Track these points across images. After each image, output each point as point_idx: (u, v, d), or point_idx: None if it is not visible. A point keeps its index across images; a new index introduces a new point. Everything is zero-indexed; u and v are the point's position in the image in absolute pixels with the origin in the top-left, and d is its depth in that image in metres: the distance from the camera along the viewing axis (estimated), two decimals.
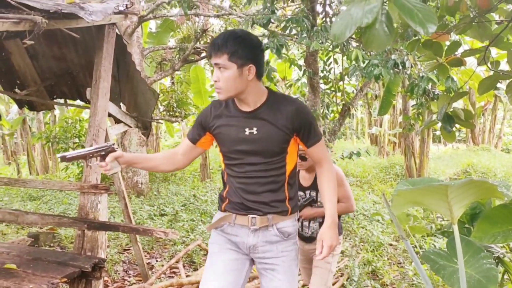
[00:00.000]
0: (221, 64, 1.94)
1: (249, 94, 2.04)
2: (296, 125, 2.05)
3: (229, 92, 1.99)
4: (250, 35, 2.02)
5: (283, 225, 2.15)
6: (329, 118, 7.64)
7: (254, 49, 1.97)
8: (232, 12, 9.11)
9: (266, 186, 2.12)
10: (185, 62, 10.24)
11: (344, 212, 3.16)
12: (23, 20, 3.07)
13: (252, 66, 1.96)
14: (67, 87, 5.10)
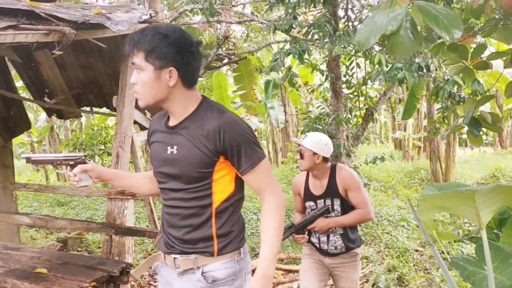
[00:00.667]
0: (137, 64, 1.63)
1: (173, 104, 1.70)
2: (220, 146, 1.64)
3: (147, 99, 1.67)
4: (177, 32, 1.63)
5: (210, 269, 1.73)
6: (352, 123, 7.60)
7: (178, 49, 1.61)
8: (254, 19, 9.17)
9: (187, 219, 1.73)
10: (208, 69, 10.33)
11: (360, 221, 2.93)
12: (52, 31, 3.17)
13: (173, 69, 1.61)
14: (93, 95, 5.22)
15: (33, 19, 3.29)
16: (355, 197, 2.87)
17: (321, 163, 2.90)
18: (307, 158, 2.89)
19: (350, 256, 2.96)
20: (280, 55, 5.48)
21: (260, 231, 1.76)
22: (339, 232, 2.93)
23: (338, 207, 2.91)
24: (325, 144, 2.91)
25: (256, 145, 1.70)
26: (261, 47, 11.33)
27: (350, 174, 2.92)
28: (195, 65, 1.68)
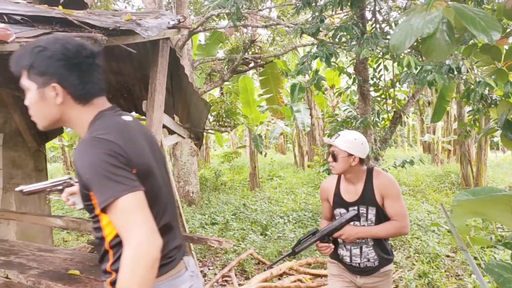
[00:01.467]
0: (22, 84, 1.46)
1: (71, 124, 1.52)
2: (80, 180, 1.43)
3: (40, 122, 1.51)
4: (57, 43, 1.44)
5: None
6: (380, 126, 7.50)
7: (57, 62, 1.42)
8: (280, 22, 9.18)
9: (97, 247, 1.59)
10: (234, 73, 10.40)
11: (395, 234, 2.58)
12: (85, 38, 3.24)
13: (56, 85, 1.43)
14: (124, 100, 5.32)
15: (66, 26, 3.38)
16: (393, 207, 2.54)
17: (357, 165, 2.58)
18: (341, 160, 2.57)
19: (384, 274, 2.64)
20: (307, 58, 5.46)
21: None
22: (371, 243, 2.60)
23: (373, 217, 2.57)
24: (361, 143, 2.59)
25: (110, 179, 1.34)
26: (287, 51, 11.33)
27: (390, 179, 2.59)
28: (86, 77, 1.47)
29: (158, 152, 1.66)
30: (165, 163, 1.75)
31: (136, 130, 1.55)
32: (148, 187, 1.45)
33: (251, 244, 6.43)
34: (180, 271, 1.57)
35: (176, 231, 1.63)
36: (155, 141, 1.71)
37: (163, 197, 1.56)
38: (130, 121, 1.56)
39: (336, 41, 5.86)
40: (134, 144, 1.47)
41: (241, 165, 16.24)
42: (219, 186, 12.37)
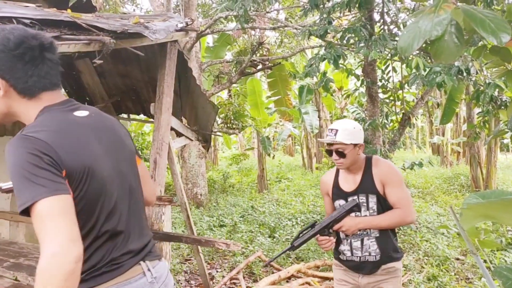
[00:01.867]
0: None
1: (20, 119, 1.47)
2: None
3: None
4: (0, 34, 1.39)
5: None
6: (388, 128, 7.47)
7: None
8: (288, 24, 9.18)
9: None
10: (242, 75, 10.41)
11: (398, 223, 2.45)
12: (93, 41, 3.26)
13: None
14: (131, 103, 5.33)
15: (74, 29, 3.40)
16: (394, 194, 2.42)
17: (360, 154, 2.53)
18: (350, 154, 2.47)
19: (387, 272, 2.48)
20: (315, 60, 5.46)
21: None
22: (374, 234, 2.47)
23: (374, 205, 2.46)
24: (359, 129, 2.52)
25: (30, 181, 1.24)
26: (295, 53, 11.32)
27: (389, 166, 2.50)
28: (30, 70, 1.39)
29: (119, 151, 1.54)
30: (131, 162, 1.60)
31: (85, 127, 1.45)
32: (86, 189, 1.35)
33: (259, 246, 6.42)
34: (132, 277, 1.46)
35: (131, 235, 1.49)
36: (119, 139, 1.58)
37: (107, 200, 1.42)
38: (81, 117, 1.47)
39: (344, 43, 5.85)
40: (72, 143, 1.36)
41: (249, 167, 16.25)
42: (227, 188, 12.38)
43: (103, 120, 1.56)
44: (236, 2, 5.97)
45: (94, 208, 1.39)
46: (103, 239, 1.40)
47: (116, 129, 1.60)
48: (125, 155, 1.58)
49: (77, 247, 1.22)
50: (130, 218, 1.51)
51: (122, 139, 1.60)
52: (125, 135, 1.64)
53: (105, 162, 1.44)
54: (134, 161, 1.63)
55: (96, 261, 1.40)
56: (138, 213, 1.56)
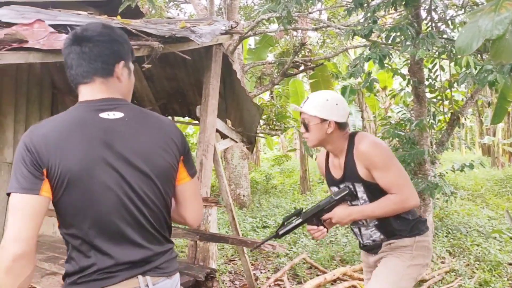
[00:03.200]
0: None
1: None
2: None
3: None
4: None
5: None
6: (436, 128, 7.26)
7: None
8: (331, 24, 9.10)
9: None
10: (284, 76, 10.41)
11: (396, 210, 2.10)
12: (143, 46, 3.36)
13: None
14: (178, 105, 5.46)
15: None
16: (383, 178, 2.06)
17: (335, 132, 2.16)
18: (314, 129, 2.15)
19: (390, 248, 2.20)
20: (360, 60, 5.38)
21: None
22: (372, 223, 2.20)
23: (363, 195, 2.15)
24: (335, 104, 2.15)
25: (14, 173, 1.31)
26: (337, 53, 11.21)
27: (369, 145, 2.08)
28: (70, 62, 1.43)
29: (139, 161, 1.42)
30: (156, 175, 1.45)
31: (99, 130, 1.37)
32: (67, 193, 1.32)
33: (303, 248, 6.40)
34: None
35: (129, 247, 1.42)
36: (149, 149, 1.45)
37: (94, 209, 1.35)
38: (104, 119, 1.40)
39: (390, 42, 5.73)
40: (63, 145, 1.32)
41: (291, 168, 16.20)
42: (269, 190, 12.39)
43: (138, 126, 1.45)
44: (279, 4, 5.98)
45: (77, 213, 1.34)
46: (89, 246, 1.36)
47: (153, 139, 1.47)
48: (148, 166, 1.44)
49: (16, 247, 1.23)
50: (128, 230, 1.41)
51: (156, 150, 1.46)
52: (167, 147, 1.49)
53: (102, 169, 1.36)
54: (164, 175, 1.48)
55: (84, 266, 1.36)
56: (147, 225, 1.45)
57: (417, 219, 2.22)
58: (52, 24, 3.27)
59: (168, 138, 1.50)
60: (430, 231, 2.26)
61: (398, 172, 2.08)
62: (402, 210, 2.11)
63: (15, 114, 4.49)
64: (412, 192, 2.08)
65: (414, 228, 2.18)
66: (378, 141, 2.15)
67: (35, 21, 3.23)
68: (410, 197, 2.07)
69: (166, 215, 1.54)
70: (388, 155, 2.08)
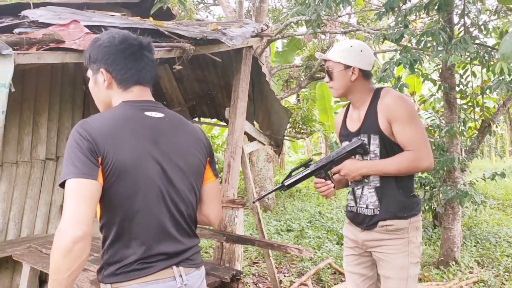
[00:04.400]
0: (87, 74, 1.65)
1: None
2: None
3: (99, 106, 1.68)
4: (108, 34, 1.60)
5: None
6: (466, 136, 7.11)
7: (104, 48, 1.58)
8: (360, 28, 9.02)
9: None
10: (312, 80, 10.37)
11: (408, 169, 2.01)
12: (175, 48, 3.41)
13: (103, 70, 1.57)
14: (206, 107, 5.50)
15: (157, 36, 3.56)
16: (403, 134, 1.99)
17: (359, 81, 2.12)
18: (338, 76, 2.10)
19: (386, 230, 2.08)
20: (390, 65, 5.31)
21: None
22: (373, 183, 2.08)
23: (376, 148, 2.06)
24: (360, 50, 2.11)
25: (69, 159, 1.37)
26: None
27: (396, 98, 2.03)
28: (130, 63, 1.55)
29: (178, 157, 1.54)
30: (191, 172, 1.58)
31: (146, 127, 1.49)
32: (115, 182, 1.40)
33: (327, 253, 6.35)
34: (161, 279, 1.47)
35: (165, 239, 1.50)
36: (185, 148, 1.58)
37: (137, 200, 1.43)
38: (150, 117, 1.53)
39: (421, 47, 5.65)
40: (118, 137, 1.42)
41: None
42: (294, 193, 12.35)
43: (176, 126, 1.60)
44: (308, 7, 5.96)
45: (123, 203, 1.43)
46: (130, 236, 1.44)
47: (188, 139, 1.62)
48: (185, 163, 1.57)
49: (76, 229, 1.27)
50: (167, 222, 1.50)
51: (190, 149, 1.60)
52: (199, 148, 1.64)
53: (149, 163, 1.46)
54: (197, 173, 1.62)
55: (124, 256, 1.44)
56: (181, 219, 1.55)
57: (416, 199, 2.15)
58: (87, 25, 3.34)
59: (199, 139, 1.66)
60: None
61: (419, 130, 2.01)
62: (415, 170, 2.04)
63: (48, 112, 4.60)
64: (428, 152, 2.01)
65: (410, 208, 2.09)
66: (404, 96, 2.11)
67: (71, 22, 3.31)
68: (426, 157, 1.99)
69: (196, 210, 1.66)
70: (413, 112, 2.02)
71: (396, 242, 2.07)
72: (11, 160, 4.28)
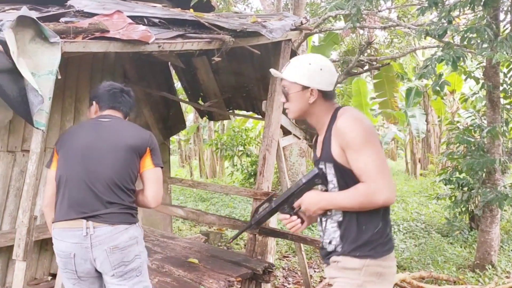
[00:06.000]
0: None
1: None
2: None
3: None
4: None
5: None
6: (508, 136, 6.87)
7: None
8: (400, 23, 8.82)
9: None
10: (348, 75, 10.23)
11: (362, 204, 1.71)
12: (214, 40, 3.42)
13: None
14: (242, 99, 5.50)
15: (197, 28, 3.59)
16: (355, 162, 1.71)
17: (318, 103, 1.85)
18: (294, 98, 1.85)
19: (336, 267, 1.82)
20: (431, 61, 5.17)
21: None
22: (336, 218, 1.82)
23: (333, 178, 1.81)
24: (319, 69, 1.83)
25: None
26: (405, 53, 10.86)
27: (346, 120, 1.75)
28: (109, 97, 2.46)
29: (112, 146, 2.25)
30: (117, 155, 2.24)
31: (94, 127, 2.33)
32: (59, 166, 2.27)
33: None
34: (73, 227, 2.15)
35: (75, 202, 2.19)
36: (120, 140, 2.27)
37: (72, 178, 2.21)
38: (101, 121, 2.36)
39: (465, 44, 5.48)
40: (69, 136, 2.35)
41: None
42: None
43: (118, 125, 2.37)
44: (348, 1, 5.87)
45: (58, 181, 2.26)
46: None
47: (122, 135, 2.31)
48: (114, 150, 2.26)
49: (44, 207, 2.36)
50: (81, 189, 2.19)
51: (125, 141, 2.28)
52: (134, 141, 2.30)
53: (79, 152, 2.26)
54: (123, 155, 2.25)
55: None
56: (106, 188, 2.19)
57: (383, 239, 1.79)
58: (130, 15, 3.39)
59: (137, 137, 2.40)
60: (392, 256, 1.83)
61: (373, 157, 1.69)
62: (370, 205, 1.71)
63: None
64: (385, 184, 1.68)
65: (369, 248, 1.76)
66: (359, 117, 1.79)
67: (115, 12, 3.38)
68: (383, 190, 1.67)
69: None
70: (367, 136, 1.71)
71: (343, 282, 1.79)
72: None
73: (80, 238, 2.12)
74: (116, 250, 2.16)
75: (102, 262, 2.16)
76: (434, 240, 6.86)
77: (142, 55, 4.41)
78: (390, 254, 1.80)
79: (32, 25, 2.43)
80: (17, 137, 3.99)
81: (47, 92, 2.36)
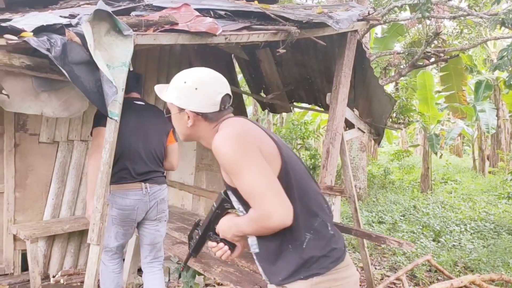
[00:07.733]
0: None
1: None
2: None
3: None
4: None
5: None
6: None
7: None
8: (472, 13, 8.36)
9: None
10: (413, 68, 9.84)
11: (259, 229, 1.50)
12: (280, 31, 3.39)
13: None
14: (304, 92, 5.44)
15: (262, 20, 3.57)
16: (238, 187, 1.51)
17: (198, 126, 1.64)
18: (174, 120, 1.68)
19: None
20: (508, 52, 4.87)
21: None
22: (253, 249, 1.65)
23: (237, 204, 1.63)
24: (193, 88, 1.60)
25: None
26: (475, 44, 10.30)
27: (215, 145, 1.52)
28: (131, 83, 3.13)
29: (153, 125, 3.20)
30: (160, 133, 3.23)
31: (136, 110, 3.16)
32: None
33: (422, 249, 6.07)
34: (132, 189, 3.05)
35: (138, 164, 3.11)
36: (157, 120, 3.22)
37: (129, 151, 3.06)
38: (138, 104, 3.24)
39: None
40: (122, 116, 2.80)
41: (411, 164, 15.38)
42: (386, 185, 11.95)
43: (151, 109, 3.33)
44: None
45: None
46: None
47: (158, 115, 3.22)
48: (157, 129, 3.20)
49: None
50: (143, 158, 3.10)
51: (161, 125, 3.21)
52: (163, 123, 3.19)
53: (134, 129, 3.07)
54: (161, 136, 3.22)
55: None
56: (152, 158, 3.16)
57: (318, 252, 1.55)
58: (197, 8, 3.43)
59: (164, 118, 2.53)
60: (346, 264, 1.63)
61: (251, 178, 1.45)
62: (266, 231, 1.49)
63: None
64: (272, 205, 1.43)
65: (307, 265, 1.54)
66: (230, 133, 1.53)
67: (182, 5, 3.43)
68: (270, 213, 1.43)
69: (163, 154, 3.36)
70: (237, 155, 1.47)
71: None
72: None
73: (141, 195, 3.03)
74: (162, 201, 3.17)
75: (153, 210, 3.11)
76: (504, 242, 6.50)
77: (207, 47, 4.49)
78: (341, 263, 1.59)
79: (107, 19, 2.52)
80: (90, 127, 4.17)
81: (120, 83, 2.45)
